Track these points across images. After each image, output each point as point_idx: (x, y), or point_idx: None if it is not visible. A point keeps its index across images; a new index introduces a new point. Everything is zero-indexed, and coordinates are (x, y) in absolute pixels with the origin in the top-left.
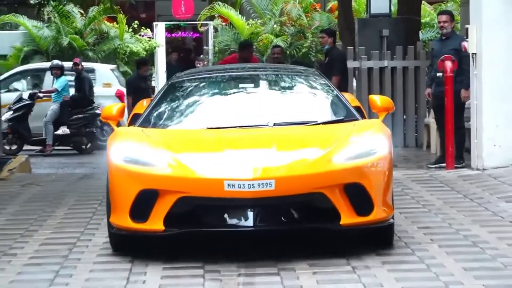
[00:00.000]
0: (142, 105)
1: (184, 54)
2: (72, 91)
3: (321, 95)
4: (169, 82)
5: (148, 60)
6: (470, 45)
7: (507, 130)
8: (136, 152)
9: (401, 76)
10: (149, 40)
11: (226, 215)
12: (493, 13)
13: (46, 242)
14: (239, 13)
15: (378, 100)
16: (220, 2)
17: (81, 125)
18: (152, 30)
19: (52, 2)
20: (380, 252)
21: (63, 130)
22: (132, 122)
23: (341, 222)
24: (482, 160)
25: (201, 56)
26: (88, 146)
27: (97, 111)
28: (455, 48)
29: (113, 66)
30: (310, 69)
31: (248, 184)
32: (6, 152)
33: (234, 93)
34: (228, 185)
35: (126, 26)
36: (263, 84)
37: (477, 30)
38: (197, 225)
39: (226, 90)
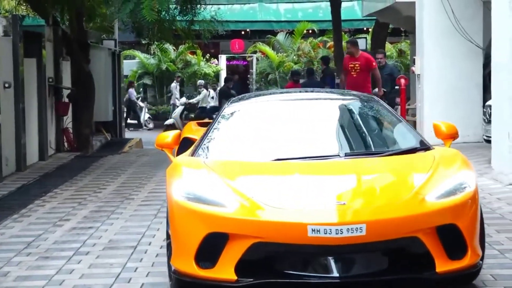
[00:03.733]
0: (191, 129)
1: (239, 75)
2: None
3: (388, 122)
4: (227, 107)
5: (232, 77)
6: (416, 69)
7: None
8: (201, 189)
9: None
10: (216, 66)
11: (308, 264)
12: (429, 49)
13: (152, 191)
14: (272, 49)
15: (443, 126)
16: (260, 42)
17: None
18: (218, 60)
19: (156, 42)
20: None
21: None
22: (183, 147)
23: (437, 270)
24: None
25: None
26: None
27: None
28: (390, 73)
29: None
30: (371, 95)
31: (336, 230)
32: None
33: (298, 119)
34: (313, 230)
35: (202, 57)
36: (327, 110)
37: (420, 59)
38: (274, 275)
39: (289, 116)
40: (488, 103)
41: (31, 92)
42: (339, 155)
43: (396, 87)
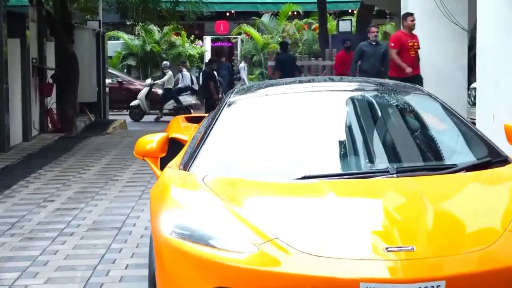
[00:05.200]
0: (179, 126)
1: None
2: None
3: (449, 125)
4: (229, 100)
5: (216, 58)
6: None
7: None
8: (200, 224)
9: None
10: (200, 47)
11: None
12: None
13: (136, 172)
14: (257, 30)
15: None
16: (245, 24)
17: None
18: (202, 41)
19: (140, 23)
20: None
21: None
22: (169, 150)
23: None
24: None
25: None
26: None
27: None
28: (385, 50)
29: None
30: (423, 88)
31: None
32: None
33: (329, 120)
34: None
35: (186, 38)
36: (368, 106)
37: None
38: None
39: (316, 114)
40: (472, 85)
41: (14, 73)
42: (388, 171)
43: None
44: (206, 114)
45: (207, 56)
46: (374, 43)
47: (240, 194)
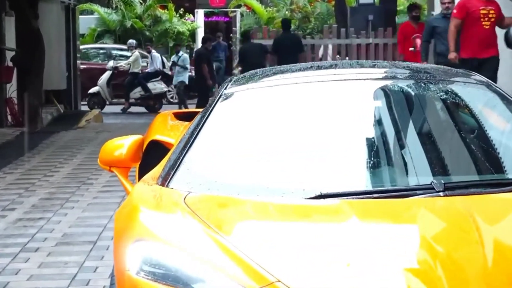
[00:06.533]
0: (165, 124)
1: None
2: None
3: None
4: (225, 92)
5: (210, 36)
6: None
7: None
8: (178, 261)
9: (382, 50)
10: (192, 23)
11: None
12: None
13: (114, 174)
14: (260, 2)
15: None
16: None
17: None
18: (194, 16)
19: None
20: None
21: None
22: (149, 156)
23: None
24: None
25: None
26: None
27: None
28: None
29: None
30: (480, 76)
31: None
32: None
33: (350, 120)
34: None
35: (174, 12)
36: (402, 101)
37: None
38: None
39: (333, 112)
40: None
41: None
42: (433, 188)
43: None
44: (200, 110)
45: (200, 34)
46: (448, 17)
47: (233, 220)
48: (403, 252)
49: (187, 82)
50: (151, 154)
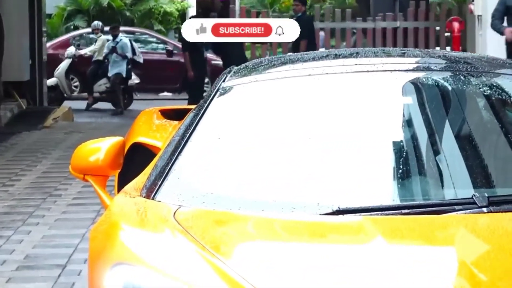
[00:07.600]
0: (150, 124)
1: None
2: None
3: None
4: (219, 89)
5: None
6: (475, 8)
7: None
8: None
9: (412, 36)
10: (181, 2)
11: None
12: None
13: (87, 184)
14: None
15: None
16: None
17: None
18: None
19: None
20: None
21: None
22: (130, 162)
23: None
24: None
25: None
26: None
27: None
28: None
29: None
30: None
31: None
32: None
33: (373, 120)
34: None
35: None
36: (437, 98)
37: None
38: None
39: (352, 110)
40: None
41: None
42: (474, 203)
43: None
44: (193, 106)
45: (191, 14)
46: None
47: (233, 240)
48: (438, 280)
49: (124, 75)
50: (133, 160)
